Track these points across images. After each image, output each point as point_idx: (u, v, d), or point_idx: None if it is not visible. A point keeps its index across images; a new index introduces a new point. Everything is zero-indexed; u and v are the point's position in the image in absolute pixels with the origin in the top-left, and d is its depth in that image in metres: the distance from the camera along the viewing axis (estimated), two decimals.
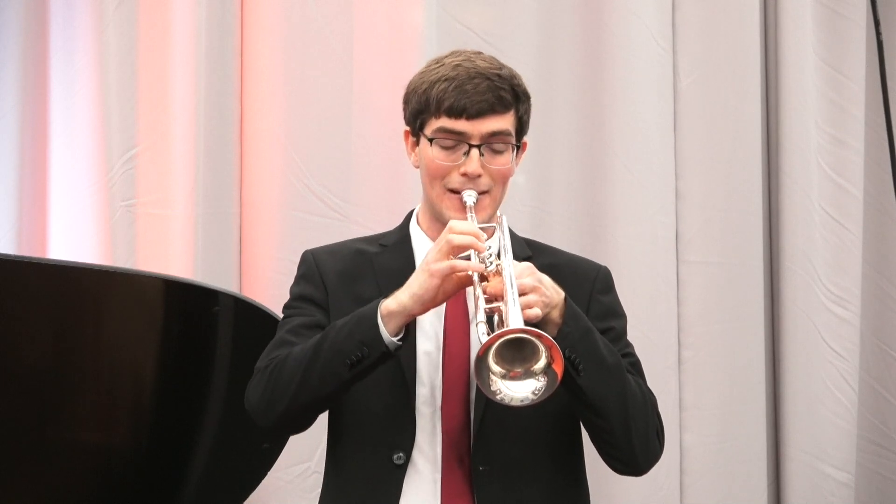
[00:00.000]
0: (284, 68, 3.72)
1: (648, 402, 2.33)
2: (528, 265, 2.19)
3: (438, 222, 2.34)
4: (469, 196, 2.30)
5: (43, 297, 2.62)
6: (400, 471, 2.27)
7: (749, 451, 4.13)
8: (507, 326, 2.06)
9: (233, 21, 3.69)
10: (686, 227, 4.09)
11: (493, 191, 2.33)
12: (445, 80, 2.30)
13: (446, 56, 2.36)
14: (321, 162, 3.73)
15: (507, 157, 2.34)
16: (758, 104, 4.18)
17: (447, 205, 2.32)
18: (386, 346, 2.19)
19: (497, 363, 2.07)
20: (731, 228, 4.13)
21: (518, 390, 2.09)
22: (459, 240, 2.19)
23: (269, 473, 3.07)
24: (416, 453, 2.28)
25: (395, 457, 2.27)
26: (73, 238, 3.57)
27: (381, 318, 2.18)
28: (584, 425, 2.30)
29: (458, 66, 2.31)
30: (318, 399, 2.23)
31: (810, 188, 4.20)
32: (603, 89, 4.00)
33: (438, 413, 2.29)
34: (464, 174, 2.30)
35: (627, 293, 3.96)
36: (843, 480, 4.21)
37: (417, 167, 2.39)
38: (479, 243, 2.19)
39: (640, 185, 4.01)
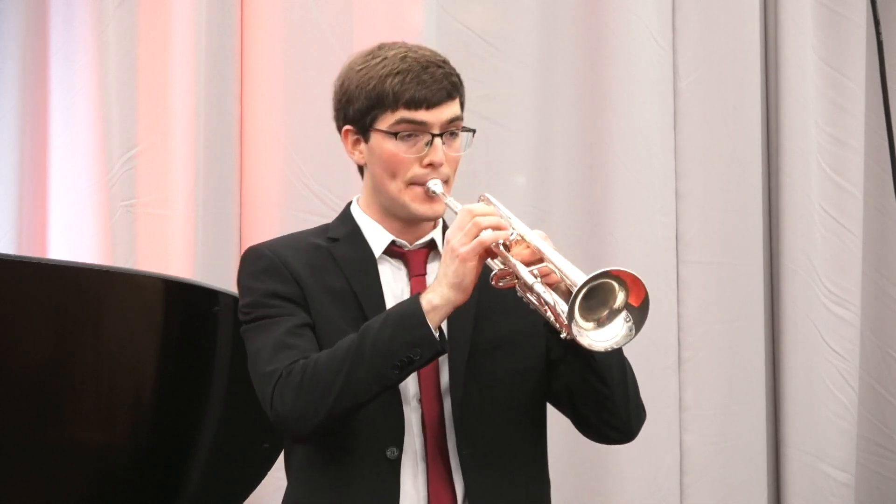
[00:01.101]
0: (284, 68, 3.72)
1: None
2: (541, 231, 2.21)
3: (393, 216, 2.34)
4: (436, 185, 2.30)
5: (43, 297, 2.62)
6: (395, 465, 2.26)
7: (749, 451, 4.13)
8: (575, 282, 2.06)
9: (233, 21, 3.69)
10: (686, 227, 4.09)
11: (450, 178, 2.34)
12: (398, 73, 2.29)
13: (379, 49, 2.34)
14: (321, 162, 3.72)
15: (461, 142, 2.35)
16: (758, 104, 4.18)
17: (410, 197, 2.31)
18: (440, 346, 2.18)
19: (585, 319, 2.07)
20: (731, 228, 4.13)
21: (614, 331, 2.10)
22: (487, 220, 2.20)
23: (269, 473, 3.07)
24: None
25: (389, 452, 2.26)
26: (73, 238, 3.57)
27: (426, 315, 2.17)
28: (583, 397, 2.29)
29: (404, 57, 2.30)
30: (360, 403, 2.21)
31: (810, 188, 4.20)
32: (603, 89, 4.00)
33: (417, 403, 2.29)
34: (429, 164, 2.30)
35: None
36: (843, 480, 4.21)
37: (362, 164, 2.37)
38: (502, 221, 2.21)
39: (640, 185, 4.01)
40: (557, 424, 3.99)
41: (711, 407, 4.09)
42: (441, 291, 2.18)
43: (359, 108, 2.33)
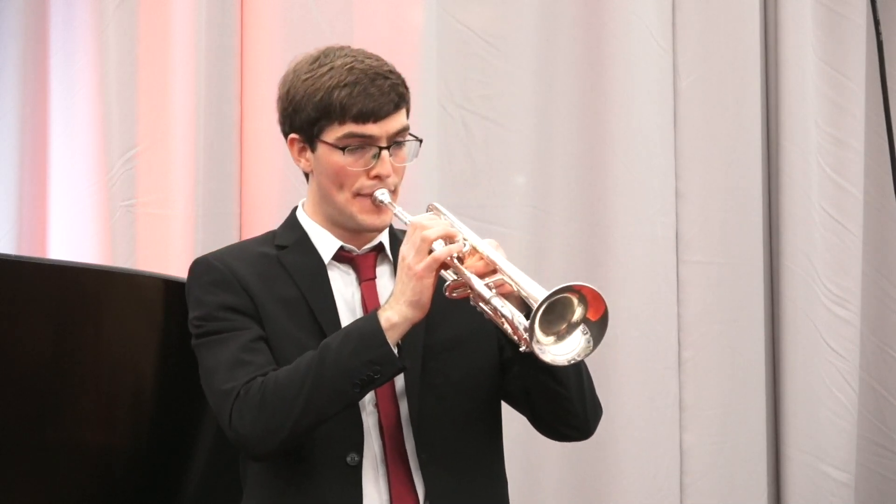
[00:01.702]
0: (284, 68, 3.70)
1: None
2: (492, 240, 2.22)
3: (340, 225, 2.35)
4: (383, 194, 2.31)
5: (43, 297, 2.62)
6: (356, 472, 2.27)
7: (749, 451, 4.13)
8: (533, 297, 2.07)
9: (233, 21, 3.68)
10: (686, 227, 4.09)
11: (397, 187, 2.35)
12: (345, 85, 2.28)
13: (325, 57, 2.34)
14: None
15: (407, 151, 2.35)
16: (758, 104, 4.18)
17: (357, 209, 2.33)
18: (401, 364, 2.20)
19: (545, 334, 2.08)
20: (731, 228, 4.13)
21: (573, 345, 2.10)
22: (435, 232, 2.20)
23: None
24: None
25: (349, 458, 2.27)
26: (73, 238, 3.57)
27: (385, 333, 2.18)
28: (540, 398, 2.30)
29: (351, 68, 2.30)
30: (321, 421, 2.22)
31: (810, 188, 4.20)
32: (603, 89, 4.00)
33: (373, 409, 2.30)
34: (376, 176, 2.31)
35: (627, 293, 3.98)
36: (843, 480, 4.21)
37: (308, 172, 2.39)
38: (452, 229, 2.22)
39: (640, 185, 4.01)
40: None
41: (711, 407, 4.09)
42: (399, 309, 2.19)
43: (305, 119, 2.33)
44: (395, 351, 2.19)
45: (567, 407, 2.28)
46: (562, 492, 3.94)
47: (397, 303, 2.19)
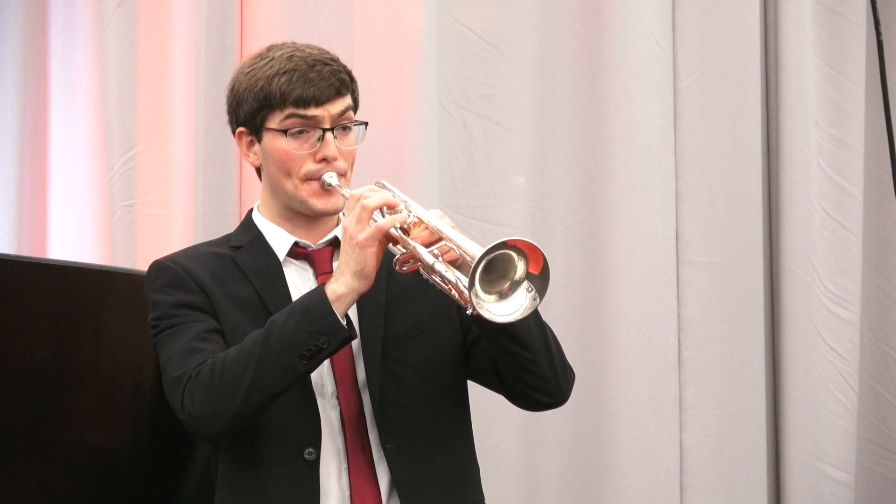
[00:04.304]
0: None
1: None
2: (437, 210, 2.23)
3: (297, 214, 2.37)
4: (331, 177, 2.33)
5: (43, 297, 2.62)
6: (313, 467, 2.27)
7: (749, 451, 4.13)
8: (472, 255, 2.07)
9: (233, 21, 3.69)
10: (686, 227, 4.09)
11: (347, 173, 2.36)
12: (284, 72, 2.31)
13: (267, 51, 2.37)
14: None
15: (354, 136, 2.37)
16: (758, 104, 4.18)
17: (307, 193, 2.34)
18: (348, 332, 2.19)
19: (487, 292, 2.07)
20: (731, 228, 4.13)
21: (518, 303, 2.10)
22: (373, 201, 2.20)
23: None
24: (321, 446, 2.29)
25: (306, 453, 2.28)
26: (73, 238, 3.57)
27: (332, 304, 2.18)
28: (508, 366, 2.30)
29: (291, 57, 2.33)
30: (270, 397, 2.21)
31: (810, 188, 4.20)
32: (603, 89, 4.00)
33: (335, 401, 2.30)
34: (322, 159, 2.32)
35: (627, 293, 3.98)
36: (843, 480, 4.21)
37: (257, 166, 2.41)
38: (392, 198, 2.22)
39: (640, 185, 4.01)
40: (558, 425, 4.00)
41: (711, 407, 4.09)
42: (344, 280, 2.19)
43: (248, 110, 2.36)
44: (343, 321, 2.18)
45: (535, 371, 2.28)
46: (562, 492, 3.94)
47: (342, 274, 2.20)
